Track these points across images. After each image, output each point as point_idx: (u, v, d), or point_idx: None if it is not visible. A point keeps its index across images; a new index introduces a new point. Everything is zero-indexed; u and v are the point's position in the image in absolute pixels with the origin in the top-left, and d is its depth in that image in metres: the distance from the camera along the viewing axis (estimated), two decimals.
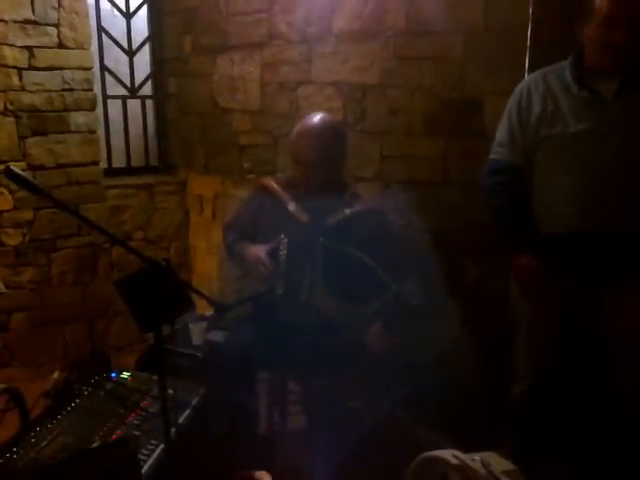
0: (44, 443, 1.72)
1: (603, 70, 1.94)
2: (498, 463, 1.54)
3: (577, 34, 1.98)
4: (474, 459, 1.46)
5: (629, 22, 1.84)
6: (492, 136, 2.22)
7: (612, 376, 2.05)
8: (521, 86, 2.12)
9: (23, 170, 3.21)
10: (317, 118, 2.29)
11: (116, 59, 3.75)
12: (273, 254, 2.21)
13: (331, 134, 2.28)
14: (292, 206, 2.27)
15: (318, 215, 2.23)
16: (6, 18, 3.14)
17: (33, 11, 3.20)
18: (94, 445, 1.70)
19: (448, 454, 1.45)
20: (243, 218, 2.47)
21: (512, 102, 2.12)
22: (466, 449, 1.50)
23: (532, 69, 2.25)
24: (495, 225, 2.21)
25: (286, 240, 2.17)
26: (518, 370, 2.23)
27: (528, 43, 2.35)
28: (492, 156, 2.17)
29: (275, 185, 2.38)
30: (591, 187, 1.96)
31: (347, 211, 2.24)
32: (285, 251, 2.17)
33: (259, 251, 2.25)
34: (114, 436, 1.77)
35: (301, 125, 2.30)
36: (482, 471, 1.43)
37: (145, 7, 3.81)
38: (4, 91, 3.19)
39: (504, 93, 2.21)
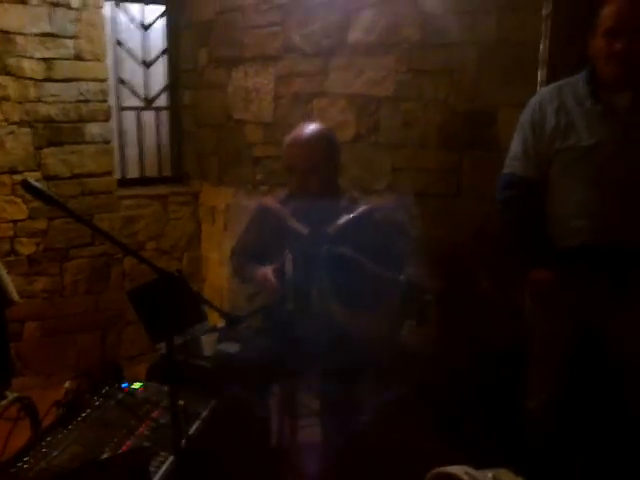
0: (55, 453, 1.72)
1: (617, 84, 1.94)
2: None
3: (588, 48, 1.99)
4: (487, 476, 1.43)
5: (630, 32, 1.86)
6: (506, 148, 2.21)
7: (627, 391, 2.02)
8: (535, 99, 2.11)
9: (38, 180, 3.27)
10: (308, 127, 2.31)
11: (132, 71, 3.79)
12: (280, 272, 2.21)
13: (322, 141, 2.29)
14: (291, 221, 2.27)
15: (319, 225, 2.23)
16: (26, 32, 3.19)
17: (52, 24, 3.25)
18: (104, 456, 1.69)
19: (460, 470, 1.43)
20: (247, 240, 2.48)
21: (525, 116, 2.11)
22: (479, 464, 1.48)
23: (546, 82, 2.25)
24: (510, 239, 2.20)
25: (291, 256, 2.17)
26: (532, 384, 2.20)
27: (541, 57, 2.35)
28: (506, 170, 2.16)
29: (273, 202, 2.39)
30: (605, 200, 1.95)
31: (348, 216, 2.23)
32: (291, 266, 2.16)
33: (265, 271, 2.25)
34: (124, 447, 1.76)
35: (293, 135, 2.31)
36: None
37: (162, 20, 3.85)
38: (21, 102, 3.23)
39: (518, 106, 2.21)
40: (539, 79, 2.33)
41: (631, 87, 1.93)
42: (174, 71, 3.92)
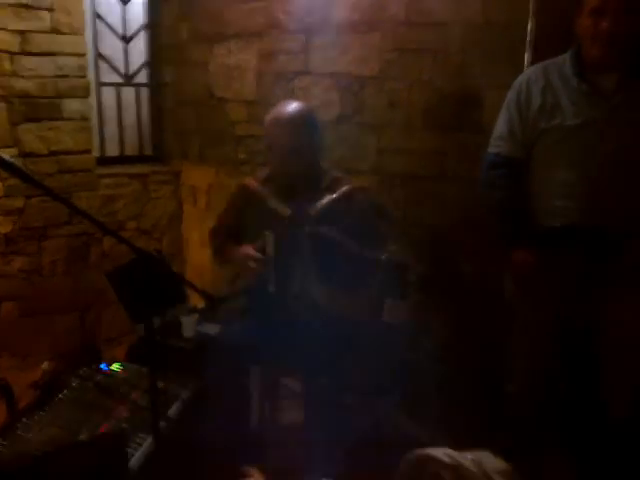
0: (31, 435, 1.70)
1: (603, 64, 1.93)
2: (492, 462, 1.50)
3: (574, 28, 1.97)
4: (467, 458, 1.41)
5: (614, 11, 1.85)
6: (491, 130, 2.19)
7: (606, 375, 2.04)
8: (520, 79, 2.10)
9: (14, 157, 3.19)
10: (289, 106, 2.26)
11: (111, 46, 3.70)
12: (261, 252, 2.18)
13: (304, 120, 2.25)
14: (272, 202, 2.24)
15: (300, 205, 2.21)
16: None
17: None
18: (81, 438, 1.67)
19: (440, 452, 1.41)
20: (228, 220, 2.45)
21: (511, 95, 2.10)
22: (459, 447, 1.48)
23: (532, 63, 2.23)
24: (492, 220, 2.19)
25: (272, 236, 2.14)
26: (513, 368, 2.21)
27: (528, 37, 2.33)
28: (491, 150, 2.15)
29: (254, 183, 2.36)
30: (590, 180, 1.95)
31: (330, 196, 2.21)
32: (272, 247, 2.14)
33: (247, 249, 2.22)
34: (102, 429, 1.74)
35: (274, 113, 2.26)
36: (475, 470, 1.39)
37: None
38: None
39: (504, 87, 2.19)
40: (526, 61, 2.31)
41: (616, 68, 1.92)
42: (154, 47, 3.83)
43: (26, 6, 3.15)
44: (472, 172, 2.26)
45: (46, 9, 3.21)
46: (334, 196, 2.21)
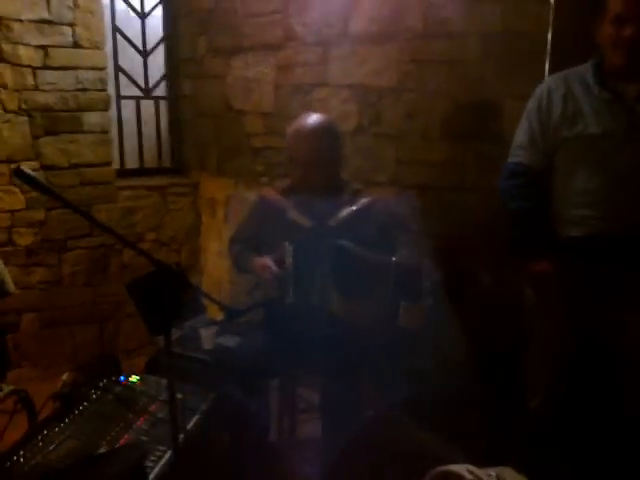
0: (51, 447, 1.70)
1: (625, 72, 1.91)
2: (513, 478, 1.49)
3: (595, 36, 1.96)
4: (489, 474, 1.40)
5: (637, 18, 1.83)
6: (510, 140, 2.17)
7: (626, 389, 2.00)
8: (541, 88, 2.08)
9: (35, 170, 3.23)
10: (311, 118, 2.27)
11: (130, 59, 3.74)
12: (279, 263, 2.18)
13: (326, 133, 2.26)
14: (293, 213, 2.24)
15: (321, 217, 2.20)
16: (22, 18, 3.14)
17: (49, 10, 3.20)
18: (101, 450, 1.67)
19: (462, 469, 1.40)
20: (247, 231, 2.46)
21: (532, 104, 2.08)
22: (481, 463, 1.46)
23: (551, 73, 2.21)
24: (512, 230, 2.16)
25: (291, 248, 2.14)
26: (533, 382, 2.17)
27: (548, 47, 2.31)
28: (511, 159, 2.13)
29: (274, 194, 2.36)
30: (612, 189, 1.92)
31: (350, 209, 2.21)
32: (291, 259, 2.14)
33: (264, 260, 2.22)
34: (121, 441, 1.74)
35: (296, 126, 2.27)
36: None
37: (160, 7, 3.80)
38: (18, 90, 3.19)
39: (523, 97, 2.17)
40: (546, 70, 2.29)
41: (638, 76, 1.90)
42: (173, 60, 3.87)
43: (49, 22, 3.21)
44: (491, 182, 2.24)
45: (68, 24, 3.27)
46: (354, 208, 2.21)
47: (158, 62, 3.86)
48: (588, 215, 1.97)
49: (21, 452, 1.65)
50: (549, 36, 2.31)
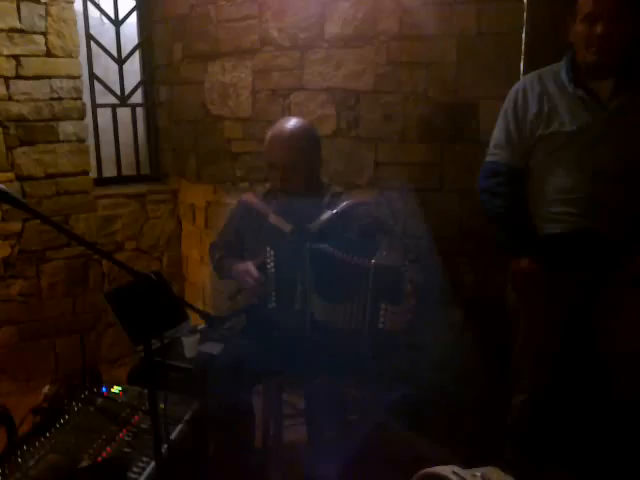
0: (32, 462, 1.67)
1: (598, 70, 1.93)
2: (499, 478, 1.49)
3: (568, 34, 1.98)
4: (475, 475, 1.40)
5: (607, 16, 1.85)
6: (487, 140, 2.19)
7: (610, 385, 2.02)
8: (517, 87, 2.10)
9: (11, 181, 3.19)
10: (289, 122, 2.27)
11: (105, 67, 3.71)
12: (261, 268, 2.17)
13: (304, 136, 2.26)
14: (273, 218, 2.24)
15: (301, 222, 2.20)
16: None
17: (20, 19, 3.15)
18: (83, 464, 1.64)
19: (448, 470, 1.40)
20: (228, 236, 2.45)
21: (508, 103, 2.10)
22: (467, 462, 1.46)
23: (527, 73, 2.23)
24: (493, 229, 2.18)
25: (272, 252, 2.13)
26: (518, 380, 2.18)
27: (523, 47, 2.33)
28: (489, 158, 2.14)
29: (254, 199, 2.36)
30: (589, 186, 1.94)
31: (331, 212, 2.20)
32: (273, 263, 2.13)
33: (246, 265, 2.21)
34: (104, 454, 1.71)
35: (274, 130, 2.27)
36: None
37: (134, 14, 3.77)
38: None
39: (499, 97, 2.19)
40: (521, 70, 2.31)
41: (612, 73, 1.92)
42: (149, 67, 3.84)
43: (20, 31, 3.17)
44: (470, 182, 2.25)
45: (40, 33, 3.23)
46: (335, 211, 2.21)
47: (134, 69, 3.83)
48: (566, 212, 1.99)
49: (0, 469, 1.62)
50: (523, 36, 2.33)
